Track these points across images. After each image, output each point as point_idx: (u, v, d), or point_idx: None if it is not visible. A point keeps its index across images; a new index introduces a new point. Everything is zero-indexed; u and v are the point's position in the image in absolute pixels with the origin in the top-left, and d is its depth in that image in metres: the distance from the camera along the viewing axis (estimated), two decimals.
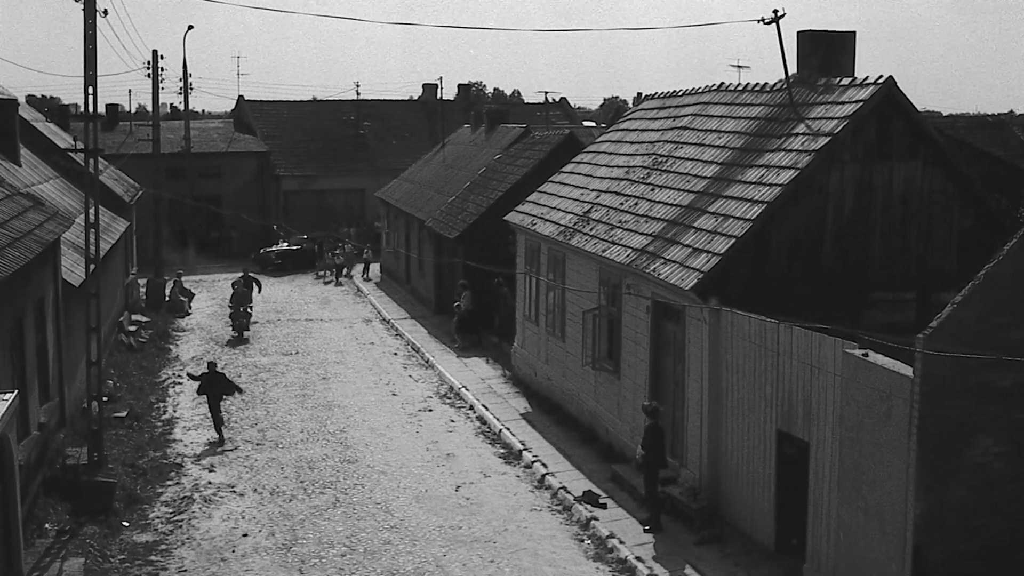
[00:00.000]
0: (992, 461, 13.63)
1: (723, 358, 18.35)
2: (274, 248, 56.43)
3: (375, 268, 53.92)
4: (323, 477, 22.13)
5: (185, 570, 17.50)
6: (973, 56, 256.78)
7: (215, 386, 25.34)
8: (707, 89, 25.71)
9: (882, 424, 13.93)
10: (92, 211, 22.04)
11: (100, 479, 20.11)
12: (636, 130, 28.10)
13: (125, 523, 19.41)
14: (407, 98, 72.07)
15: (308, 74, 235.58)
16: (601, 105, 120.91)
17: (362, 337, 37.65)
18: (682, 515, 18.83)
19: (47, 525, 18.68)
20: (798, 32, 21.70)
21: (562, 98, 70.45)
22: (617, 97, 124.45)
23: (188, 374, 28.81)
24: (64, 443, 22.59)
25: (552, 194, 28.90)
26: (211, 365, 25.87)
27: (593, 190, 26.62)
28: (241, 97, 67.09)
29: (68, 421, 23.77)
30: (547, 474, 21.72)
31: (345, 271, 53.01)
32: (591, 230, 24.27)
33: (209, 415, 25.46)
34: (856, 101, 19.08)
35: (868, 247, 19.30)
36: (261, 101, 66.48)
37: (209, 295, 47.20)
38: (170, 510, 20.31)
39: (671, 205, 21.99)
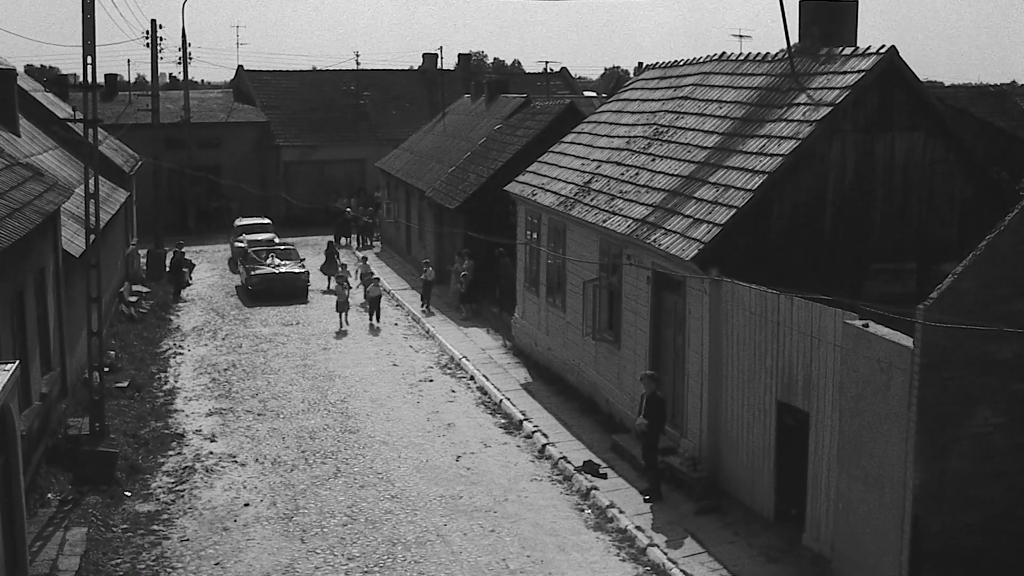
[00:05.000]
0: (991, 432, 13.68)
1: (723, 329, 18.36)
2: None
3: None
4: (324, 447, 22.21)
5: (187, 539, 17.60)
6: (976, 26, 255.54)
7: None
8: (708, 59, 25.60)
9: (882, 395, 13.97)
10: (92, 181, 22.01)
11: (102, 449, 20.19)
12: (637, 100, 27.99)
13: (127, 493, 19.50)
14: (407, 68, 71.59)
15: (308, 44, 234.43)
16: (602, 75, 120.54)
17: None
18: (682, 485, 18.90)
19: (49, 495, 18.77)
20: (800, 2, 21.59)
21: (563, 68, 70.17)
22: (618, 67, 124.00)
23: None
24: (66, 413, 22.66)
25: (553, 164, 28.83)
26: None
27: (594, 160, 26.56)
28: (240, 67, 66.78)
29: (70, 391, 23.82)
30: (547, 444, 21.79)
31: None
32: (592, 200, 24.23)
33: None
34: (858, 71, 19.00)
35: (869, 217, 19.28)
36: (261, 71, 66.12)
37: (209, 265, 47.16)
38: (172, 480, 20.40)
39: (672, 175, 21.94)
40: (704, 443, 18.95)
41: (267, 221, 48.95)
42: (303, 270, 39.34)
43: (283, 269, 39.06)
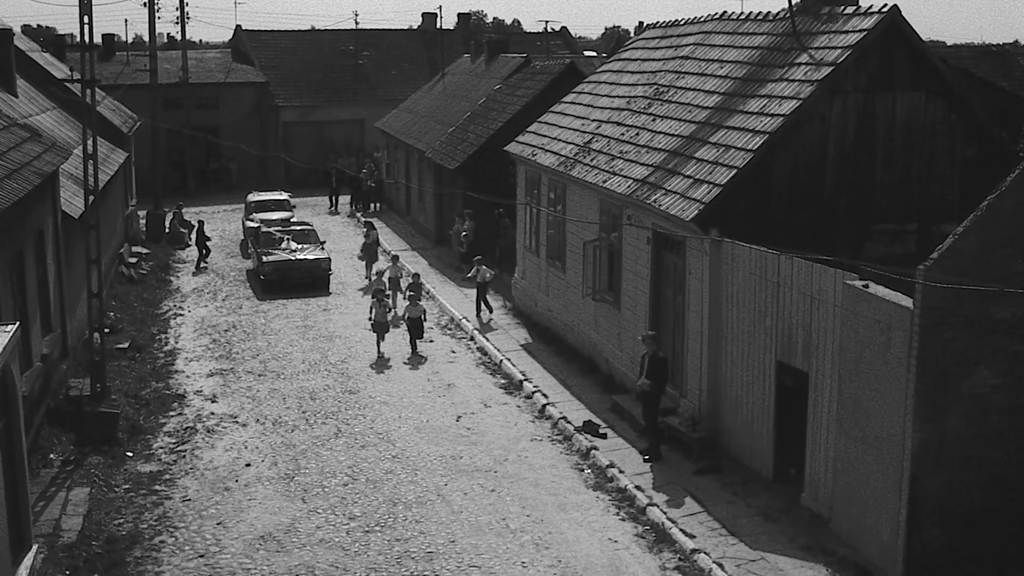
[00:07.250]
0: (990, 392, 13.71)
1: (723, 289, 18.36)
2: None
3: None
4: (325, 408, 22.28)
5: (189, 499, 17.70)
6: None
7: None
8: (709, 18, 25.42)
9: (881, 355, 13.99)
10: (90, 142, 21.92)
11: (103, 410, 20.23)
12: (637, 60, 27.83)
13: (129, 453, 19.58)
14: (406, 27, 71.10)
15: (306, 3, 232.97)
16: (602, 35, 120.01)
17: (362, 269, 37.58)
18: (681, 445, 18.98)
19: (52, 455, 18.85)
20: None
21: (563, 28, 69.68)
22: (618, 27, 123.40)
23: None
24: (67, 374, 22.71)
25: (553, 124, 28.71)
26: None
27: (594, 120, 26.45)
28: (239, 27, 66.33)
29: (70, 352, 23.86)
30: (547, 404, 21.85)
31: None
32: (592, 161, 24.16)
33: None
34: (860, 30, 18.88)
35: (870, 178, 19.22)
36: (259, 31, 65.68)
37: (209, 227, 46.99)
38: (173, 440, 20.48)
39: (672, 136, 21.86)
40: (704, 403, 19.01)
41: (284, 196, 42.74)
42: (324, 255, 34.00)
43: (301, 255, 33.69)
